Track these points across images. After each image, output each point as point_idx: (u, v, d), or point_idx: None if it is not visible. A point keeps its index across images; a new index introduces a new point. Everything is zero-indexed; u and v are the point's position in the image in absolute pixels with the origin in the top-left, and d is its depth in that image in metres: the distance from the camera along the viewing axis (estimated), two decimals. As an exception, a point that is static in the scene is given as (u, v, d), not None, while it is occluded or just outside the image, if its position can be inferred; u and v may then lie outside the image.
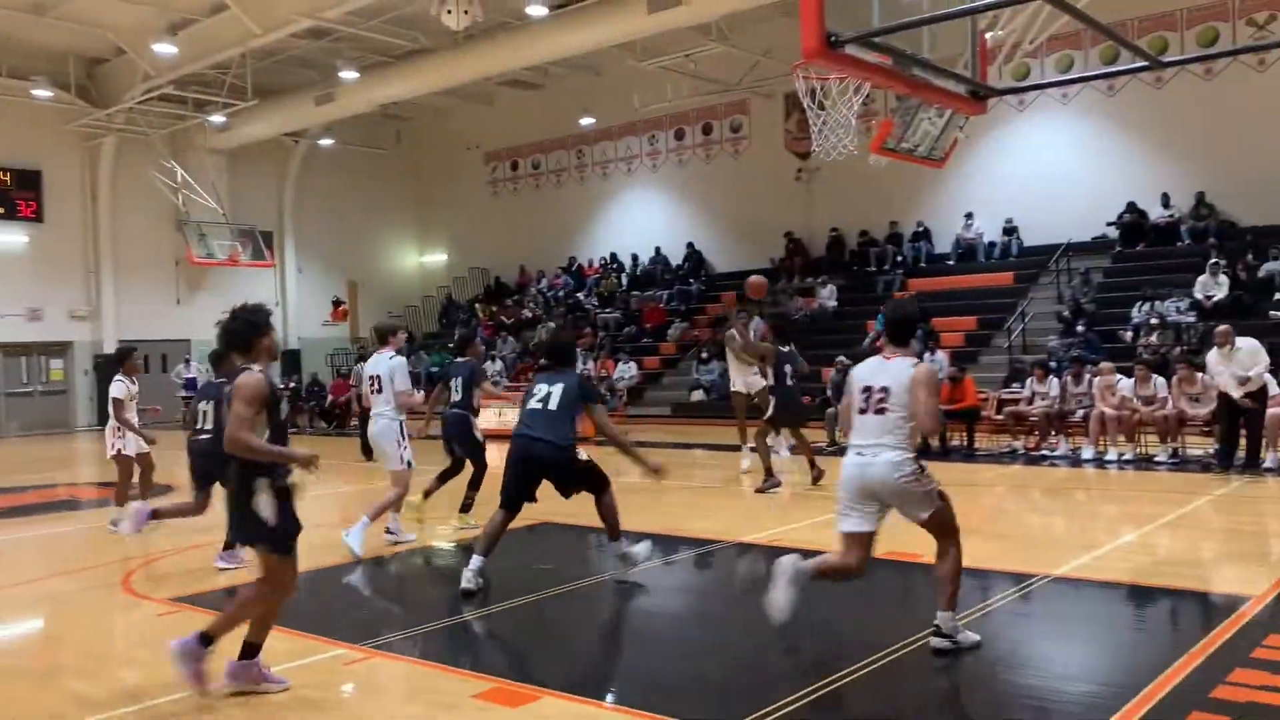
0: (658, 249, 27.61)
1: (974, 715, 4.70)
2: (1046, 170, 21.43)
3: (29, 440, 23.97)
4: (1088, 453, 13.15)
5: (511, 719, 4.59)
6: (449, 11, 18.70)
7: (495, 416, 20.55)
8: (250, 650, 4.92)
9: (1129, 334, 17.69)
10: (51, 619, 6.95)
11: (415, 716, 4.65)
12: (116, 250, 26.78)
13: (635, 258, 28.06)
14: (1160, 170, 20.19)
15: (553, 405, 6.82)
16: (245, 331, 4.94)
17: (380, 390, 8.69)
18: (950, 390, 14.72)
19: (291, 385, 24.99)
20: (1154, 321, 17.38)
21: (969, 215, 22.35)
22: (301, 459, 4.82)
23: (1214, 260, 17.76)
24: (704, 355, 22.16)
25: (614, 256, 28.58)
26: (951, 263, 22.47)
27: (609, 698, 4.89)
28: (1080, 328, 17.90)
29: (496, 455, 8.22)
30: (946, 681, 5.10)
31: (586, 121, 28.22)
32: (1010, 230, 21.87)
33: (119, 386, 9.78)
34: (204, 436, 8.09)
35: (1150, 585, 6.54)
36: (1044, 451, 13.80)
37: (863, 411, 5.34)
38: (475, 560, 6.79)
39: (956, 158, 10.69)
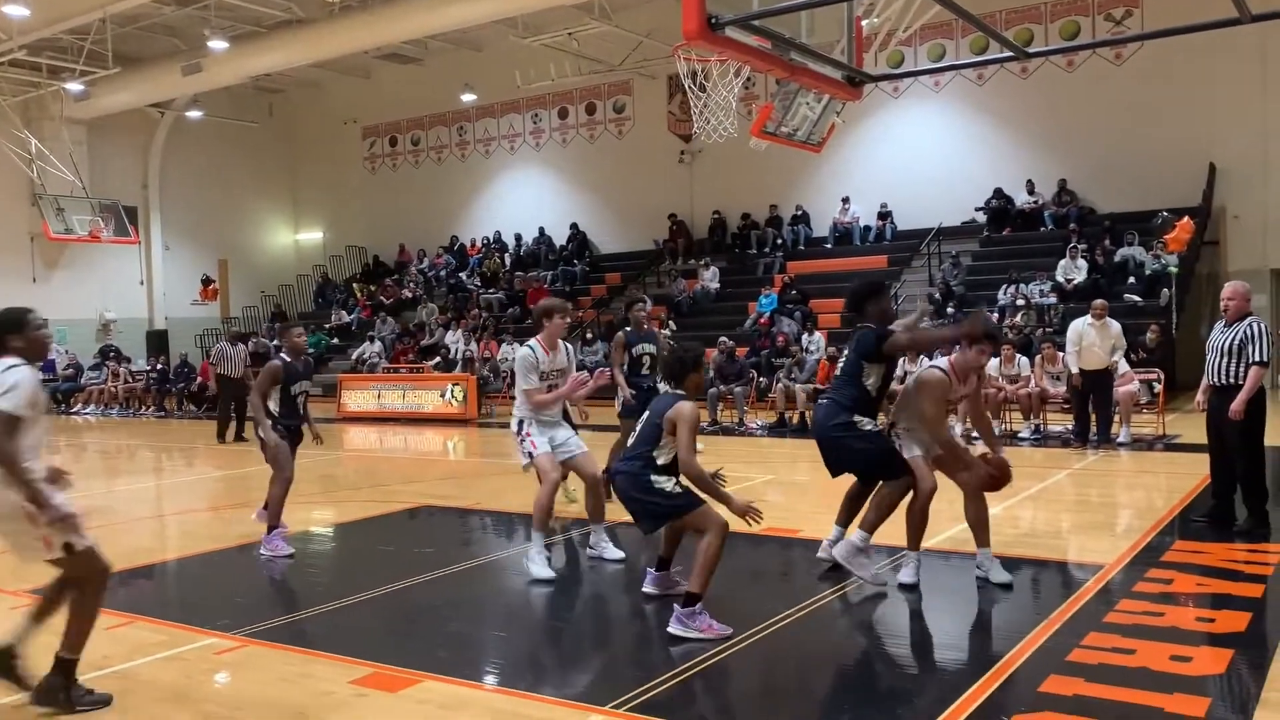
0: (541, 229, 27.44)
1: (847, 683, 4.84)
2: (919, 156, 22.09)
3: None
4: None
5: (391, 703, 4.53)
6: (324, -19, 18.15)
7: (375, 399, 20.19)
8: (664, 564, 6.02)
9: (995, 315, 18.40)
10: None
11: (292, 704, 4.54)
12: (-36, 224, 25.24)
13: (519, 237, 27.82)
14: (1025, 158, 21.03)
15: (839, 368, 6.30)
16: (679, 368, 5.65)
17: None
18: (828, 369, 15.09)
19: (159, 367, 23.97)
20: (1019, 303, 18.14)
21: (845, 199, 22.88)
22: (739, 506, 5.31)
23: (1074, 244, 18.63)
24: (587, 336, 22.15)
25: (497, 236, 28.28)
26: (829, 246, 22.99)
27: (489, 679, 4.87)
28: (950, 309, 18.54)
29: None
30: (822, 652, 5.25)
31: (468, 98, 27.78)
32: (885, 215, 22.48)
33: None
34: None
35: (1015, 556, 6.82)
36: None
37: None
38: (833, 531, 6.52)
39: (834, 143, 10.92)
